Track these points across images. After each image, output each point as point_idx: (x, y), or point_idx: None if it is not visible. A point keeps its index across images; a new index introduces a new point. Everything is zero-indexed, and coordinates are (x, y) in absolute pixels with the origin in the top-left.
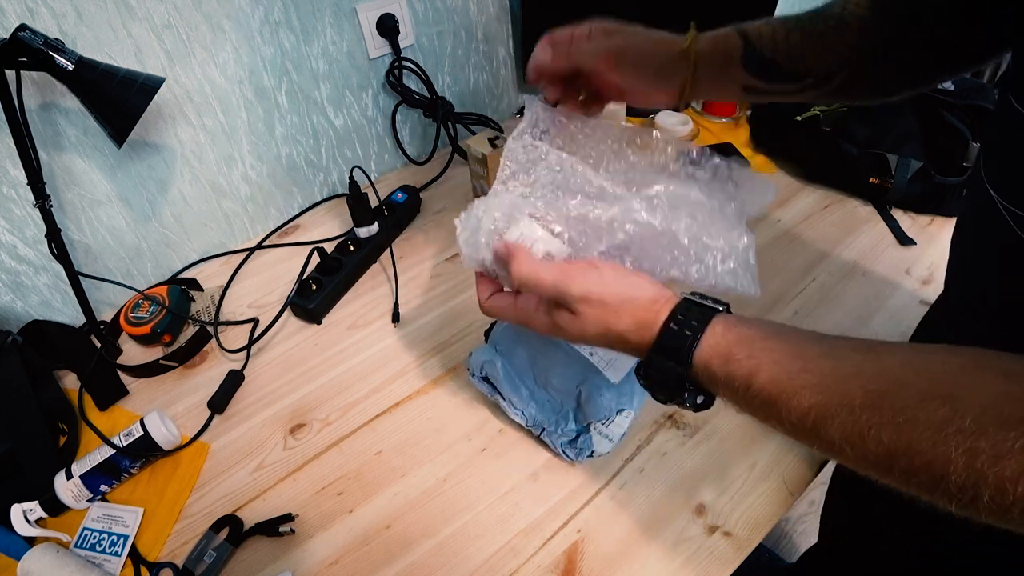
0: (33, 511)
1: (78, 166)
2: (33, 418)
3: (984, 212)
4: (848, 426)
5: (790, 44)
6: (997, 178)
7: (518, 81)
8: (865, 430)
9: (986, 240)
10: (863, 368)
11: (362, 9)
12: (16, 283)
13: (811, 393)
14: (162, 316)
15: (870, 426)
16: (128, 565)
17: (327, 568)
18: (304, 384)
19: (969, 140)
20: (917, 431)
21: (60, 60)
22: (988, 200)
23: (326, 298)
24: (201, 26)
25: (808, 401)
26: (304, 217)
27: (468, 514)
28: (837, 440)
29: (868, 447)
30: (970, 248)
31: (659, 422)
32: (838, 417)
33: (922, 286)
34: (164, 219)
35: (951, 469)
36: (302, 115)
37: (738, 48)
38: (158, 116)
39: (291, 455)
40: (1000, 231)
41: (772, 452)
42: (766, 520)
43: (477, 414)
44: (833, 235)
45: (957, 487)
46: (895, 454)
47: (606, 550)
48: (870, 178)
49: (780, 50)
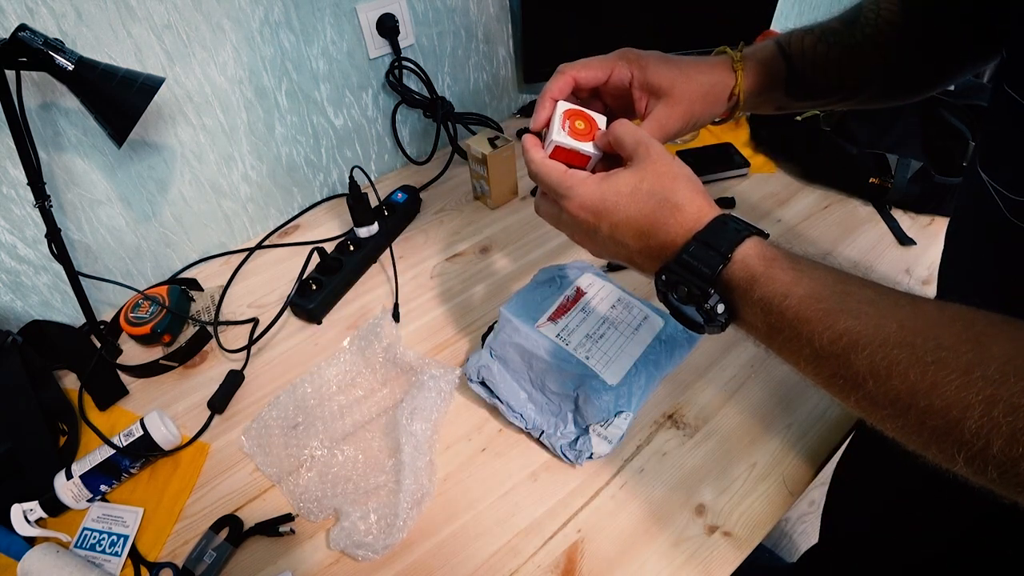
0: (33, 511)
1: (78, 166)
2: (33, 418)
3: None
4: (878, 358)
5: (828, 60)
6: (988, 161)
7: (518, 81)
8: (894, 365)
9: (978, 225)
10: (901, 303)
11: (362, 9)
12: (16, 283)
13: (848, 317)
14: (162, 316)
15: (899, 361)
16: (128, 565)
17: (327, 568)
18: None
19: (969, 140)
20: (943, 372)
21: (60, 60)
22: (980, 183)
23: (326, 298)
24: (201, 26)
25: (844, 324)
26: (304, 217)
27: (468, 514)
28: (863, 371)
29: (892, 383)
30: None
31: (659, 422)
32: (870, 347)
33: (922, 286)
34: (164, 219)
35: (968, 415)
36: (302, 115)
37: (782, 71)
38: (158, 116)
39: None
40: (991, 214)
41: (772, 452)
42: (766, 520)
43: (477, 414)
44: (833, 235)
45: (972, 433)
46: (917, 393)
47: (606, 550)
48: (870, 178)
49: (819, 67)
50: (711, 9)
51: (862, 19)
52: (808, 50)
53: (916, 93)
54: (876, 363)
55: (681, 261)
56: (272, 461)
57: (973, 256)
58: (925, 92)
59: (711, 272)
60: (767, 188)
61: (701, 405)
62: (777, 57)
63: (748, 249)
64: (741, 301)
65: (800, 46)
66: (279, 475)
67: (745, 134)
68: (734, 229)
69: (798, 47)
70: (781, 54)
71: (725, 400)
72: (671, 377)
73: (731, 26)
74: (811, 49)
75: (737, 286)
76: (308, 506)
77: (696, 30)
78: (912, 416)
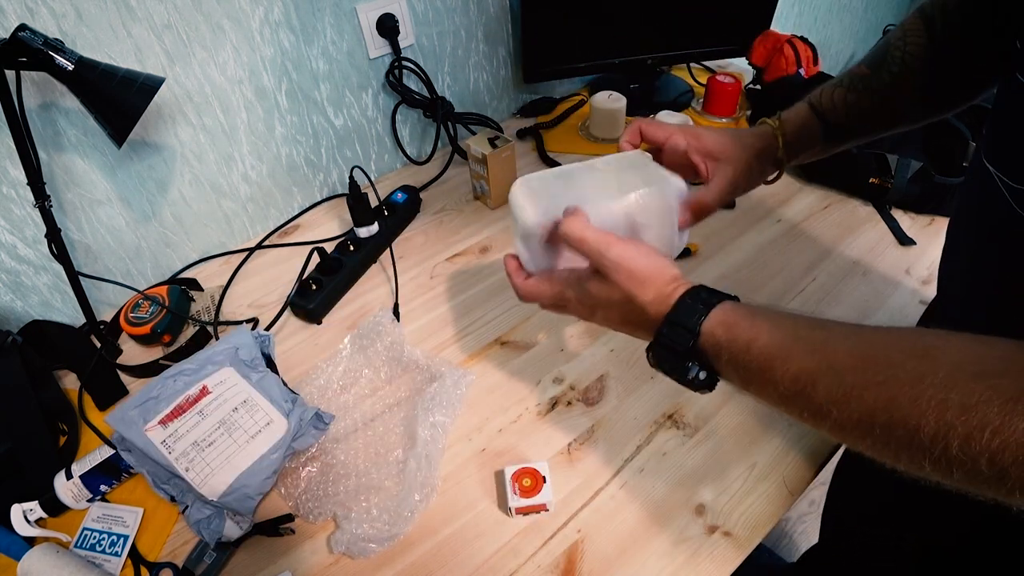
0: (33, 511)
1: (78, 166)
2: (33, 418)
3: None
4: (834, 387)
5: (861, 107)
6: (996, 153)
7: (518, 81)
8: (849, 390)
9: (982, 221)
10: (849, 336)
11: (362, 9)
12: (16, 283)
13: (802, 356)
14: (162, 316)
15: (854, 386)
16: (128, 565)
17: (326, 568)
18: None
19: (969, 140)
20: (896, 387)
21: (60, 60)
22: (986, 176)
23: (326, 298)
24: (201, 26)
25: (798, 364)
26: (304, 217)
27: (468, 514)
28: (823, 402)
29: (851, 407)
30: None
31: (659, 422)
32: (825, 378)
33: (922, 286)
34: (164, 219)
35: (924, 421)
36: (302, 115)
37: (816, 128)
38: (158, 116)
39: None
40: (997, 207)
41: (772, 452)
42: (766, 520)
43: (477, 414)
44: (833, 235)
45: (930, 438)
46: (875, 411)
47: (606, 550)
48: (870, 178)
49: (853, 115)
50: (711, 9)
51: (889, 59)
52: (839, 103)
53: (955, 108)
54: (833, 392)
55: (659, 342)
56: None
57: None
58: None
59: (683, 349)
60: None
61: (701, 405)
62: (811, 116)
63: (713, 320)
64: (716, 363)
65: (831, 102)
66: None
67: None
68: (700, 305)
69: (828, 103)
70: (814, 113)
71: (725, 400)
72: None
73: (731, 26)
74: (841, 101)
75: (710, 353)
76: (308, 506)
77: (696, 30)
78: (877, 434)
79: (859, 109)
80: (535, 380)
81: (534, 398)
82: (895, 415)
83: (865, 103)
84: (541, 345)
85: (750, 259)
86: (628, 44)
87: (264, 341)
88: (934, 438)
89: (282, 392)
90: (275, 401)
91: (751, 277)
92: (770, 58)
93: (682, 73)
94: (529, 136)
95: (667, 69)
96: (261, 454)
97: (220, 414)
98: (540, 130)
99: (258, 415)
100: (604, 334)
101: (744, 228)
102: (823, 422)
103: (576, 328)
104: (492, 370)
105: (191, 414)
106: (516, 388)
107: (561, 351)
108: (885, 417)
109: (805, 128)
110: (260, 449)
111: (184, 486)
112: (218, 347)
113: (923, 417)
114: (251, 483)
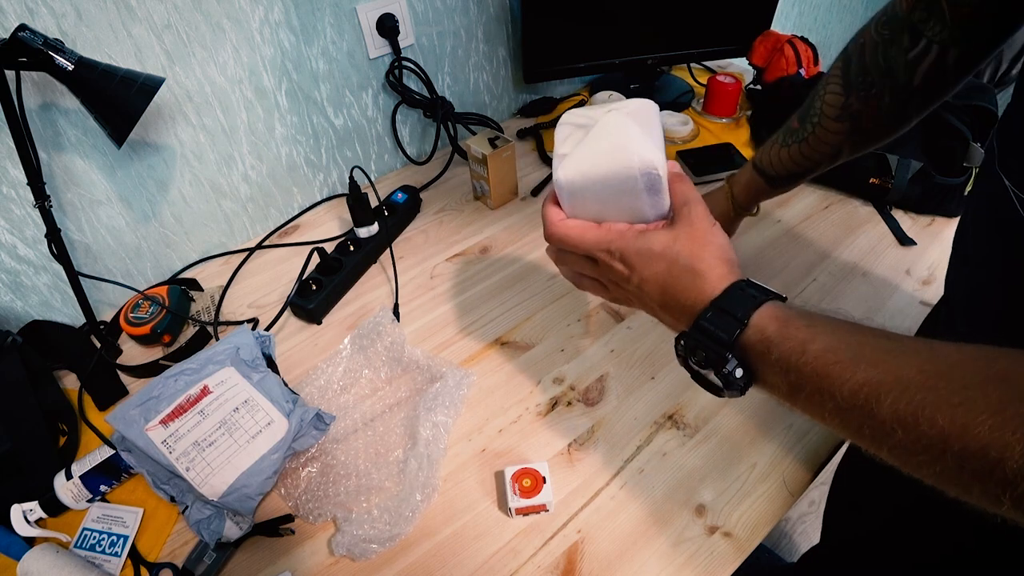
0: (33, 511)
1: (78, 166)
2: (33, 418)
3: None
4: (901, 405)
5: (791, 159)
6: (1012, 165)
7: (518, 81)
8: (919, 410)
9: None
10: (919, 349)
11: (362, 9)
12: (16, 283)
13: (867, 367)
14: (162, 316)
15: (924, 406)
16: (128, 565)
17: (326, 568)
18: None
19: (969, 140)
20: (973, 413)
21: (60, 60)
22: (1000, 188)
23: (326, 298)
24: (201, 26)
25: (863, 375)
26: (304, 217)
27: (468, 514)
28: (888, 420)
29: (921, 428)
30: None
31: (659, 422)
32: (892, 394)
33: (922, 286)
34: (164, 219)
35: (1008, 454)
36: (302, 115)
37: (761, 183)
38: (158, 116)
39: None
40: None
41: (772, 452)
42: (766, 520)
43: (476, 414)
44: (833, 235)
45: (1014, 473)
46: (949, 437)
47: (606, 550)
48: (870, 178)
49: (786, 166)
50: (711, 9)
51: (811, 110)
52: (775, 159)
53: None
54: (900, 410)
55: (699, 327)
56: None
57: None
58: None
59: (728, 337)
60: None
61: (701, 405)
62: (753, 174)
63: (764, 313)
64: (760, 363)
65: (769, 159)
66: (279, 475)
67: (745, 134)
68: (751, 295)
69: (767, 161)
70: (756, 170)
71: (725, 400)
72: (671, 377)
73: (732, 26)
74: (777, 157)
75: (755, 349)
76: (308, 507)
77: (696, 30)
78: (949, 460)
79: (790, 162)
80: (535, 380)
81: (534, 398)
82: (971, 444)
83: (794, 154)
84: (541, 345)
85: (750, 259)
86: (628, 44)
87: (265, 341)
88: (1018, 473)
89: (283, 392)
90: (276, 401)
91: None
92: (770, 58)
93: (682, 73)
94: (529, 136)
95: (667, 69)
96: (262, 454)
97: (221, 414)
98: (540, 130)
99: (259, 415)
100: (605, 334)
101: (744, 228)
102: (884, 442)
103: (576, 328)
104: (492, 370)
105: (192, 414)
106: (516, 388)
107: (561, 351)
108: (960, 445)
109: (752, 184)
110: (261, 449)
111: (184, 486)
112: (219, 347)
113: (1008, 449)
114: (251, 483)
